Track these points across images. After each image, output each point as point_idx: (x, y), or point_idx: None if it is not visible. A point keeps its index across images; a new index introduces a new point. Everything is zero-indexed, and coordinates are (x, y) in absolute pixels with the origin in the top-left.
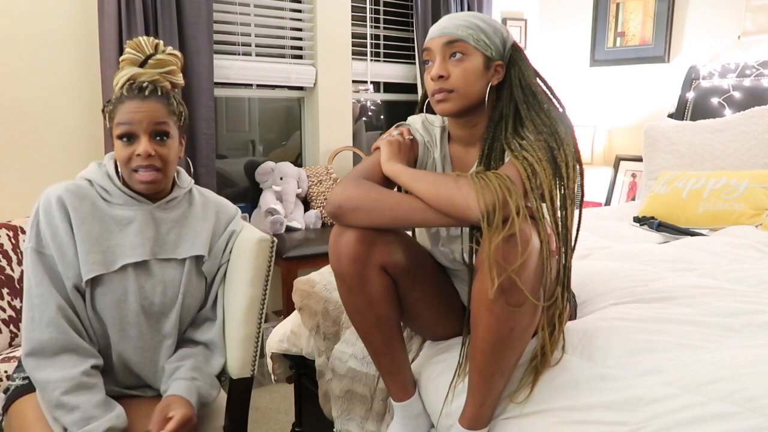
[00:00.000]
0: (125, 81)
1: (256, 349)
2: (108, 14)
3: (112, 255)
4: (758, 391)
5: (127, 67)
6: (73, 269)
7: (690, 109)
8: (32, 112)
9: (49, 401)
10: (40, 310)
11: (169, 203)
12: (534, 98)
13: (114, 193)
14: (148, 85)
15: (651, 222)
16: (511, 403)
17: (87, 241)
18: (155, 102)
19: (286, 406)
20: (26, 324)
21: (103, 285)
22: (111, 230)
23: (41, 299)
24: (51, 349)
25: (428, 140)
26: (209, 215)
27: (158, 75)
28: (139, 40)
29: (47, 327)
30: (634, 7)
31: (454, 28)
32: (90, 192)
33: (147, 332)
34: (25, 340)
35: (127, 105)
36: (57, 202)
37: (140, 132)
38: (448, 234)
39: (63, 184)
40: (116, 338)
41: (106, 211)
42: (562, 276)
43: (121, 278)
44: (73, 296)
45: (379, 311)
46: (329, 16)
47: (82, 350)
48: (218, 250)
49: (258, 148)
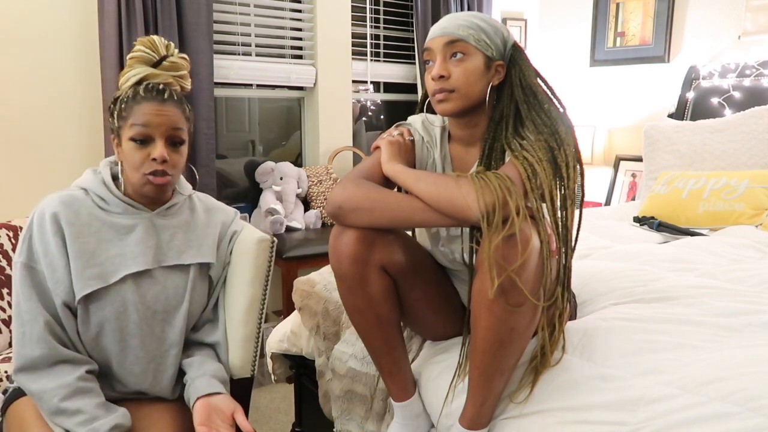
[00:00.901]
0: (138, 80)
1: (256, 349)
2: (108, 15)
3: (112, 266)
4: (758, 391)
5: (139, 66)
6: (63, 286)
7: (690, 109)
8: (32, 112)
9: (48, 410)
10: (30, 326)
11: (169, 210)
12: (534, 98)
13: (112, 201)
14: (165, 88)
15: (651, 222)
16: (511, 403)
17: (82, 256)
18: (173, 106)
19: (286, 406)
20: (17, 340)
21: (100, 299)
22: (110, 240)
23: (30, 315)
24: (43, 364)
25: (428, 140)
26: (213, 221)
27: (172, 78)
28: (152, 38)
29: (38, 343)
30: (634, 7)
31: (455, 28)
32: (86, 202)
33: (150, 342)
34: (16, 356)
35: (145, 106)
36: (51, 218)
37: (157, 136)
38: (448, 234)
39: (58, 196)
40: (117, 350)
41: (105, 220)
42: (562, 276)
43: (119, 290)
44: (62, 313)
45: (379, 311)
46: (329, 16)
47: (74, 360)
48: (222, 254)
49: (258, 148)
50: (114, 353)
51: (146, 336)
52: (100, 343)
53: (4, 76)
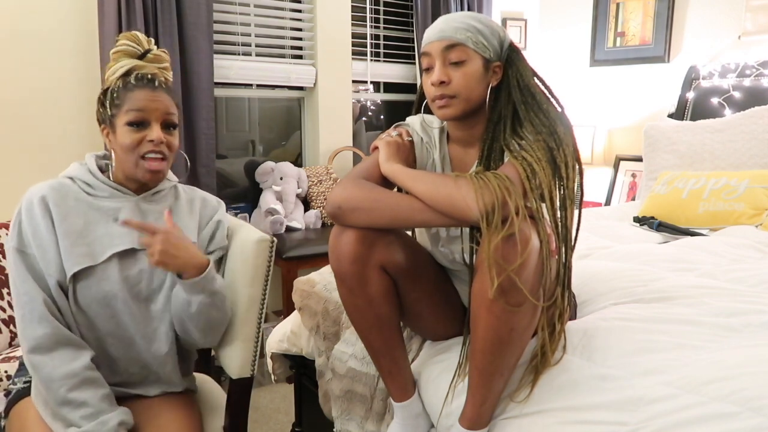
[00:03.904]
0: (126, 71)
1: (256, 349)
2: (108, 14)
3: (100, 246)
4: (758, 391)
5: (125, 59)
6: (54, 266)
7: (690, 109)
8: (32, 111)
9: (54, 400)
10: (29, 308)
11: (155, 195)
12: (532, 99)
13: (98, 186)
14: (154, 78)
15: (651, 222)
16: (512, 402)
17: (70, 235)
18: (164, 93)
19: (286, 406)
20: (20, 323)
21: (88, 278)
22: (97, 222)
23: (28, 296)
24: (47, 343)
25: (427, 141)
26: (195, 210)
27: (157, 69)
28: (135, 33)
29: (40, 323)
30: (634, 7)
31: (453, 31)
32: (72, 188)
33: (139, 318)
34: (22, 339)
35: (139, 93)
36: (39, 201)
37: (152, 119)
38: (448, 235)
39: (46, 183)
40: (110, 327)
41: (92, 203)
42: (563, 276)
43: (106, 269)
44: (56, 293)
45: (379, 311)
46: (329, 16)
47: (75, 342)
48: (203, 241)
49: (258, 148)
50: (108, 331)
51: (135, 312)
52: (93, 323)
53: (5, 75)
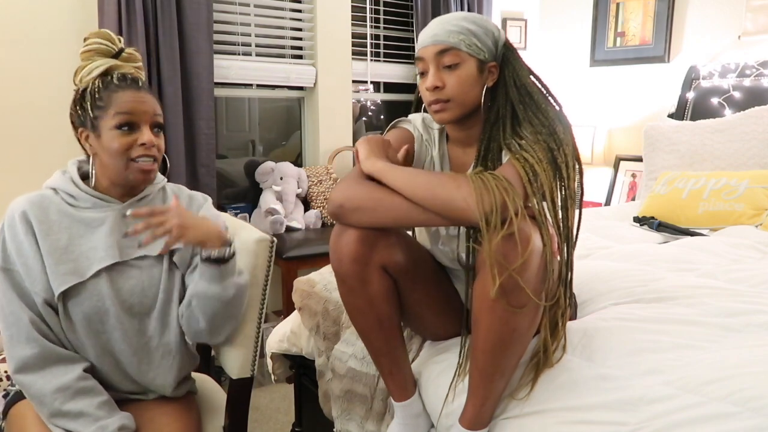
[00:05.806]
0: (102, 71)
1: (255, 349)
2: (108, 15)
3: (86, 261)
4: (758, 391)
5: (99, 58)
6: (41, 284)
7: (690, 109)
8: (32, 113)
9: (49, 414)
10: (16, 327)
11: (140, 201)
12: (530, 98)
13: (80, 197)
14: (136, 78)
15: (651, 222)
16: (512, 401)
17: (54, 253)
18: (149, 94)
19: (286, 406)
20: (6, 343)
21: (78, 294)
22: (82, 235)
23: (14, 316)
24: (37, 362)
25: (427, 138)
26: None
27: (133, 69)
28: (106, 31)
29: (27, 342)
30: (634, 7)
31: (446, 34)
32: (54, 200)
33: (132, 334)
34: (9, 359)
35: (124, 95)
36: (20, 217)
37: (142, 122)
38: (447, 233)
39: (26, 197)
40: (103, 341)
41: (75, 215)
42: (565, 275)
43: (95, 284)
44: (44, 311)
45: (379, 311)
46: (329, 16)
47: (66, 358)
48: None
49: (258, 148)
50: (99, 348)
51: (127, 329)
52: (85, 339)
53: (4, 76)
